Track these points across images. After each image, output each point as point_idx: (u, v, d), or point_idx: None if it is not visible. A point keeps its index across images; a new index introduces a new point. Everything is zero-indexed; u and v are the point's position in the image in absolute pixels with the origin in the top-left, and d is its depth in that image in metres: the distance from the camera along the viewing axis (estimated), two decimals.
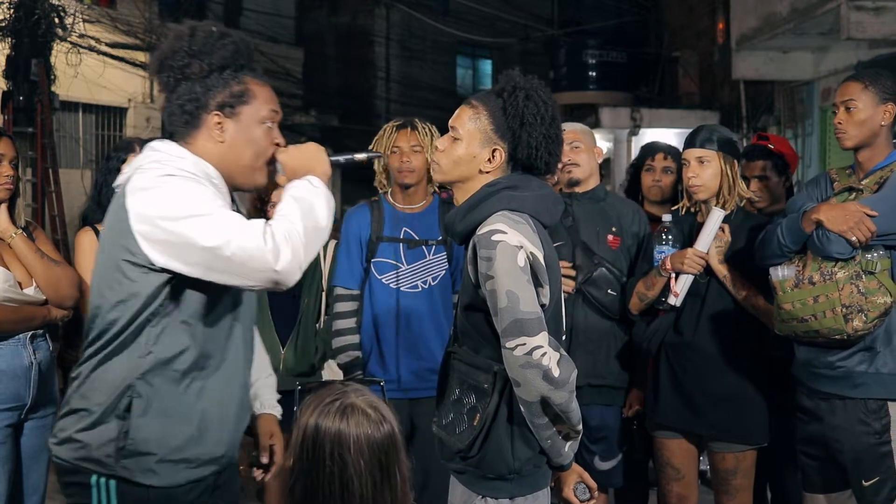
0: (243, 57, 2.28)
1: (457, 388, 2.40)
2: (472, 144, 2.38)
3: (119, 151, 3.53)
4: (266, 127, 2.28)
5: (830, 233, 2.96)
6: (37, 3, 11.07)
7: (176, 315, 2.17)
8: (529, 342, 2.19)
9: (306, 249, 2.11)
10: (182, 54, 2.23)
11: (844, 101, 3.14)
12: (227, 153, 2.24)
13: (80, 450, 2.19)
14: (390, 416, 1.83)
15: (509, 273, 2.21)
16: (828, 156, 9.65)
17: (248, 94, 2.25)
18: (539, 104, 2.35)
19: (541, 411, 2.24)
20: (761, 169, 3.95)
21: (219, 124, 2.23)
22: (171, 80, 2.24)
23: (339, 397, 1.82)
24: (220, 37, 2.26)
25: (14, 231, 3.24)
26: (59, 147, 12.87)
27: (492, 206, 2.31)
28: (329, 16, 20.17)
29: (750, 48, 9.67)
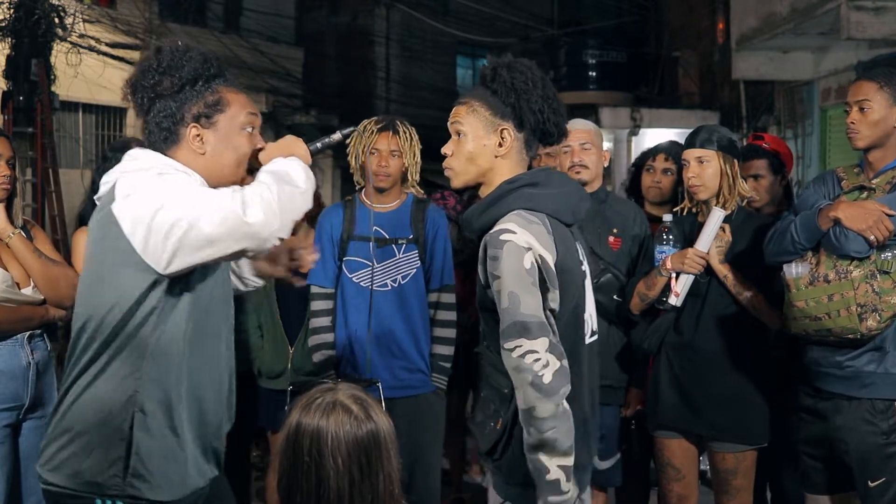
0: (213, 67, 2.29)
1: (485, 388, 2.40)
2: (478, 135, 2.37)
3: (116, 151, 3.51)
4: (246, 133, 2.30)
5: (849, 231, 2.93)
6: (37, 3, 11.07)
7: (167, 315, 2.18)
8: (526, 345, 2.16)
9: (281, 205, 2.11)
10: (151, 73, 2.25)
11: (858, 100, 3.10)
12: (210, 163, 2.26)
13: (79, 475, 2.17)
14: (379, 415, 1.82)
15: (513, 274, 2.19)
16: (828, 156, 9.64)
17: (223, 102, 2.27)
18: (524, 71, 2.35)
19: (528, 427, 2.17)
20: (757, 168, 3.95)
21: (198, 136, 2.25)
22: (146, 100, 2.26)
23: (325, 395, 1.83)
24: (186, 51, 2.28)
25: (12, 231, 3.23)
26: (59, 147, 12.87)
27: (508, 204, 2.29)
28: (329, 16, 20.16)
29: (750, 48, 9.66)
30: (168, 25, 15.99)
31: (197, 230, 2.06)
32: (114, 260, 2.16)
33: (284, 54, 17.94)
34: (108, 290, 2.17)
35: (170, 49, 2.28)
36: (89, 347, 2.20)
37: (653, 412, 3.49)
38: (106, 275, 2.18)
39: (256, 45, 17.16)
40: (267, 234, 2.09)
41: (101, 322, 2.18)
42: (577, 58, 15.86)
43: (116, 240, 2.14)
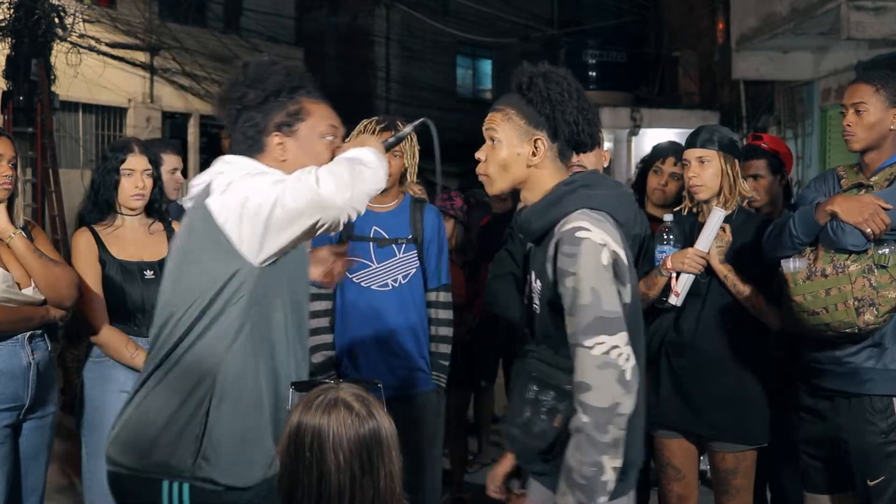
0: (295, 79, 2.41)
1: (534, 386, 2.34)
2: (512, 143, 2.35)
3: (116, 151, 3.52)
4: (327, 141, 2.41)
5: (845, 224, 2.94)
6: (37, 3, 11.08)
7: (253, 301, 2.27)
8: (609, 341, 2.13)
9: (352, 178, 2.23)
10: (239, 86, 2.39)
11: (854, 103, 3.11)
12: (291, 169, 2.33)
13: (147, 456, 2.26)
14: (381, 414, 1.83)
15: (594, 270, 2.16)
16: (828, 156, 9.65)
17: (304, 111, 2.39)
18: (560, 82, 2.34)
19: (607, 425, 2.12)
20: (756, 168, 3.95)
21: (280, 144, 2.37)
22: (233, 111, 2.39)
23: (326, 393, 1.84)
24: (271, 64, 2.42)
25: (13, 231, 3.23)
26: (59, 147, 12.88)
27: (570, 203, 2.27)
28: (329, 16, 20.17)
29: (750, 48, 9.68)
30: (168, 25, 16.00)
31: (281, 207, 2.18)
32: (205, 251, 2.28)
33: (284, 54, 17.92)
34: (196, 280, 2.28)
35: (255, 63, 2.42)
36: (171, 337, 2.30)
37: (653, 412, 3.49)
38: (194, 267, 2.30)
39: (256, 45, 17.16)
40: (340, 203, 2.20)
41: (184, 312, 2.28)
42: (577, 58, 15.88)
43: (209, 233, 2.26)
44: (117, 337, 3.41)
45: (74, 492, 4.81)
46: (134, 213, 3.52)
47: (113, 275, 3.43)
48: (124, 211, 3.51)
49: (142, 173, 3.50)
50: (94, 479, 3.43)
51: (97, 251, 3.44)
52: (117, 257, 3.45)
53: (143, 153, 3.52)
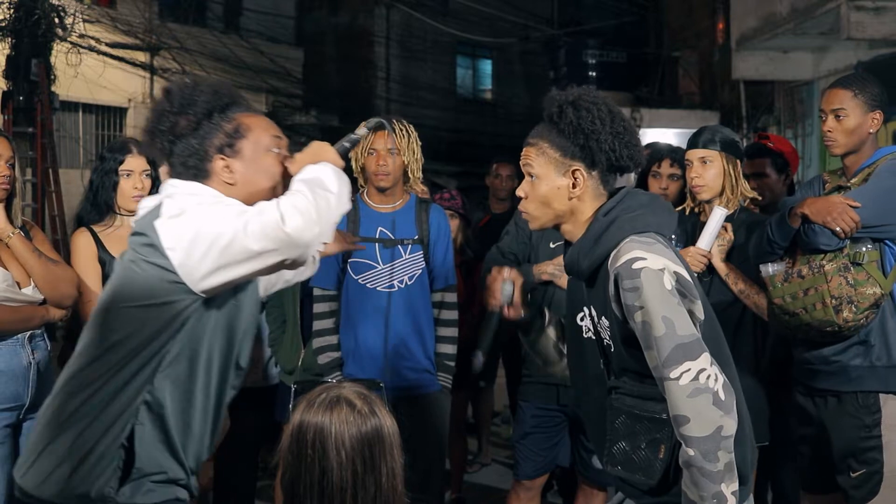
0: (225, 96, 2.29)
1: (625, 419, 2.24)
2: (550, 178, 2.27)
3: (114, 152, 3.52)
4: (274, 153, 2.30)
5: (815, 225, 3.02)
6: (37, 3, 11.07)
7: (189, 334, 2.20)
8: (694, 366, 2.05)
9: (318, 211, 2.11)
10: (166, 116, 2.26)
11: (834, 109, 3.16)
12: (243, 190, 2.26)
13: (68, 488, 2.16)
14: (383, 412, 1.83)
15: (660, 299, 2.08)
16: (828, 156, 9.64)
17: (242, 128, 2.27)
18: (591, 109, 2.25)
19: (715, 452, 2.03)
20: (761, 167, 3.96)
21: (226, 167, 2.26)
22: (166, 143, 2.27)
23: (329, 392, 1.84)
24: (195, 86, 2.28)
25: (11, 231, 3.23)
26: (59, 147, 12.88)
27: (616, 234, 2.20)
28: (329, 16, 20.16)
29: (750, 48, 9.67)
30: (168, 25, 16.00)
31: (241, 242, 2.08)
32: (147, 275, 2.17)
33: (284, 54, 17.94)
34: (135, 308, 2.18)
35: (178, 88, 2.29)
36: (103, 360, 2.20)
37: None
38: (136, 292, 2.18)
39: (256, 45, 17.16)
40: (307, 240, 2.10)
41: (123, 338, 2.18)
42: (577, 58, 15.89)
43: (153, 256, 2.16)
44: None
45: None
46: (133, 213, 3.52)
47: None
48: (123, 212, 3.51)
49: (141, 174, 3.50)
50: None
51: (96, 251, 3.44)
52: (116, 257, 3.44)
53: (142, 154, 3.52)
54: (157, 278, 2.15)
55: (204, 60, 16.17)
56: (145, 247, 2.18)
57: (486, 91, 22.67)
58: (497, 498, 5.15)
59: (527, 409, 3.79)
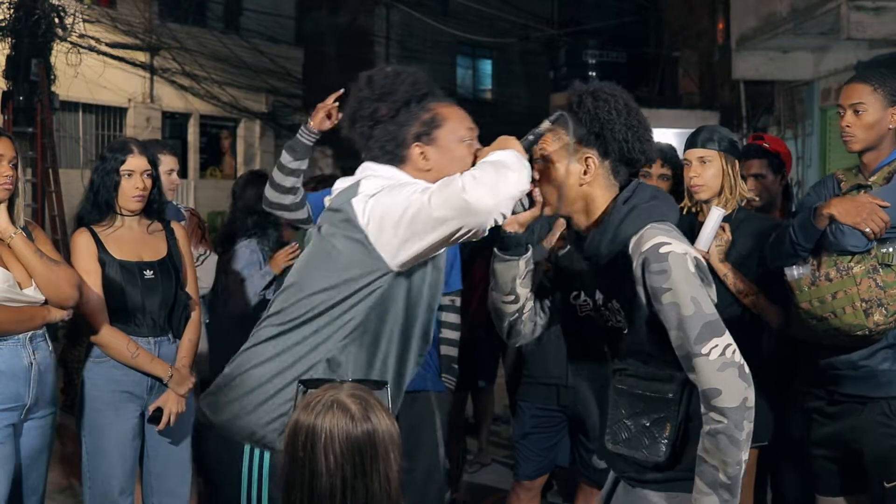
0: (423, 86, 2.43)
1: (629, 402, 2.34)
2: (563, 163, 2.35)
3: (115, 152, 3.52)
4: (466, 144, 2.42)
5: (844, 226, 2.92)
6: (37, 3, 11.08)
7: (379, 303, 2.34)
8: (720, 342, 2.17)
9: (497, 183, 2.20)
10: (368, 102, 2.41)
11: (853, 104, 3.08)
12: (435, 177, 2.35)
13: (237, 420, 2.35)
14: (379, 416, 1.82)
15: (687, 281, 2.19)
16: (828, 156, 9.65)
17: (439, 118, 2.41)
18: (609, 100, 2.33)
19: (742, 422, 2.14)
20: (757, 168, 3.95)
21: (422, 154, 2.39)
22: (366, 128, 2.41)
23: (326, 393, 1.83)
24: (396, 75, 2.44)
25: (13, 231, 3.23)
26: (59, 147, 12.88)
27: (636, 221, 2.28)
28: (329, 16, 20.17)
29: (750, 48, 9.67)
30: (168, 25, 16.00)
31: (426, 212, 2.20)
32: (345, 246, 2.31)
33: (284, 54, 17.95)
34: (332, 269, 2.33)
35: (380, 76, 2.43)
36: (294, 313, 2.35)
37: None
38: (332, 256, 2.33)
39: (256, 45, 17.17)
40: (486, 208, 2.19)
41: (311, 294, 2.34)
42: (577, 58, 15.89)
43: (350, 231, 2.30)
44: (117, 337, 3.41)
45: (74, 492, 4.81)
46: (133, 213, 3.53)
47: (113, 275, 3.43)
48: (124, 212, 3.51)
49: (142, 174, 3.50)
50: (95, 480, 3.44)
51: (96, 251, 3.44)
52: (117, 257, 3.45)
53: (143, 154, 3.52)
54: (354, 251, 2.30)
55: (204, 60, 16.18)
56: (343, 222, 2.32)
57: (486, 91, 22.67)
58: (497, 498, 5.16)
59: (526, 409, 3.80)
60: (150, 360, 3.44)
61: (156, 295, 3.47)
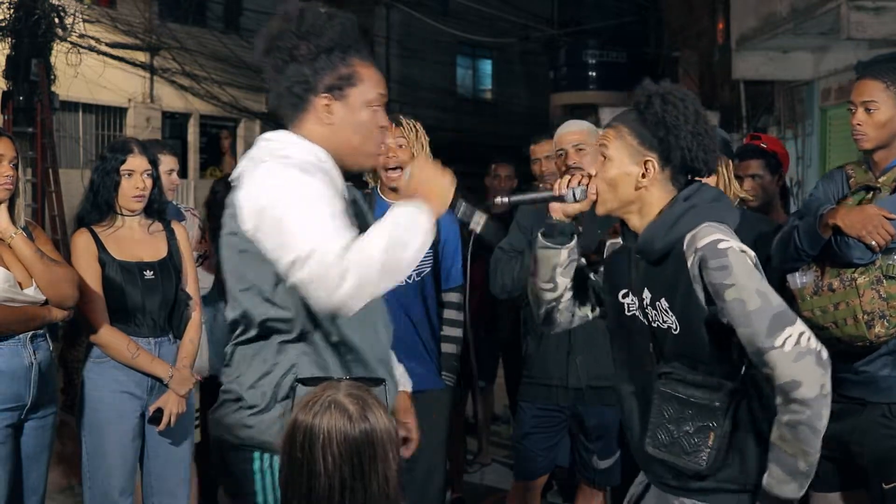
0: (351, 38, 2.29)
1: (674, 405, 2.27)
2: (622, 163, 2.29)
3: (115, 152, 3.52)
4: (372, 110, 2.30)
5: (849, 238, 2.87)
6: (37, 3, 11.08)
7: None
8: (793, 331, 2.11)
9: (380, 280, 2.11)
10: (290, 35, 2.25)
11: (864, 101, 3.02)
12: (335, 135, 2.28)
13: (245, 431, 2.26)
14: (377, 415, 1.80)
15: (749, 275, 2.15)
16: (828, 156, 9.65)
17: (356, 76, 2.28)
18: (678, 104, 2.28)
19: (822, 410, 2.11)
20: (754, 168, 3.94)
21: (327, 106, 2.27)
22: (280, 61, 2.26)
23: (325, 392, 1.82)
24: (329, 18, 2.27)
25: (14, 231, 3.23)
26: (59, 147, 12.88)
27: (694, 218, 2.24)
28: None
29: (750, 48, 9.67)
30: (168, 25, 16.00)
31: (298, 268, 2.07)
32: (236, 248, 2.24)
33: None
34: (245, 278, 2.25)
35: (312, 13, 2.27)
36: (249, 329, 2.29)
37: None
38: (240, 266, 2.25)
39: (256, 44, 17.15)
40: (347, 307, 2.10)
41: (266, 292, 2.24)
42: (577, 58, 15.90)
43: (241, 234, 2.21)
44: (117, 337, 3.41)
45: (74, 492, 4.81)
46: (134, 213, 3.53)
47: (112, 275, 3.43)
48: (124, 212, 3.51)
49: (142, 174, 3.50)
50: (95, 480, 3.44)
51: (96, 251, 3.44)
52: (117, 258, 3.45)
53: (143, 154, 3.52)
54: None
55: (204, 60, 16.17)
56: (231, 218, 2.23)
57: (486, 91, 22.67)
58: (497, 498, 5.15)
59: (527, 409, 3.80)
60: (150, 360, 3.44)
61: (156, 295, 3.47)
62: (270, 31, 2.28)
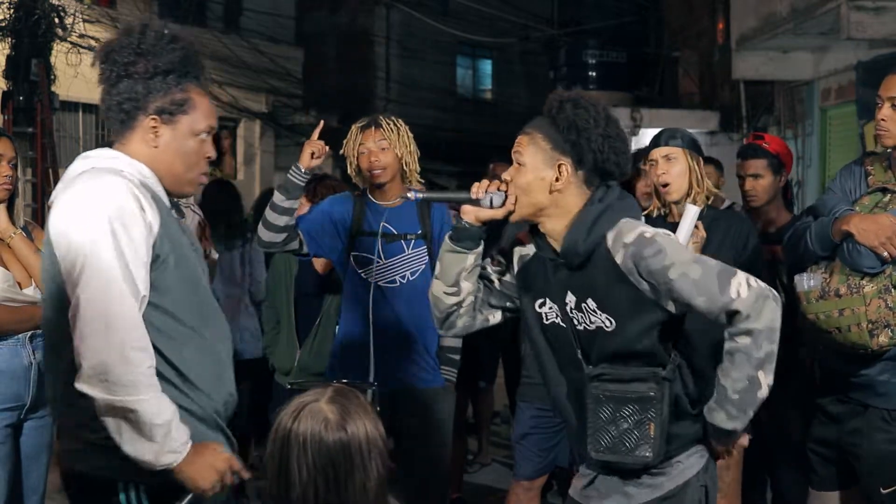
0: (191, 64, 2.28)
1: (610, 405, 2.31)
2: (536, 168, 2.34)
3: None
4: (200, 139, 2.30)
5: (861, 246, 2.88)
6: (37, 3, 11.07)
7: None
8: (740, 278, 2.20)
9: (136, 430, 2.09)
10: (129, 51, 2.23)
11: (892, 97, 2.97)
12: (158, 158, 2.26)
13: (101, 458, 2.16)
14: (358, 422, 1.76)
15: (682, 250, 2.27)
16: (828, 156, 9.64)
17: (189, 103, 2.27)
18: (588, 108, 2.33)
19: (762, 341, 2.19)
20: (756, 168, 3.94)
21: (154, 129, 2.25)
22: (114, 74, 2.24)
23: (308, 397, 1.80)
24: (171, 40, 2.26)
25: (13, 231, 3.23)
26: (59, 147, 12.86)
27: (612, 217, 2.31)
28: (329, 16, 20.16)
29: (750, 48, 9.67)
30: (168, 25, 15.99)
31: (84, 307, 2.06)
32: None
33: (284, 54, 17.93)
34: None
35: (155, 33, 2.26)
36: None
37: None
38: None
39: (256, 45, 17.15)
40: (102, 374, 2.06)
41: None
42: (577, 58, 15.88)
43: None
44: None
45: None
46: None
47: None
48: None
49: None
50: None
51: None
52: None
53: None
54: None
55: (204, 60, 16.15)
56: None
57: (486, 91, 22.66)
58: (497, 498, 5.15)
59: (526, 409, 3.80)
60: None
61: None
62: (112, 42, 2.28)
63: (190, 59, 2.28)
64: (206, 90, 2.32)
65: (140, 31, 2.25)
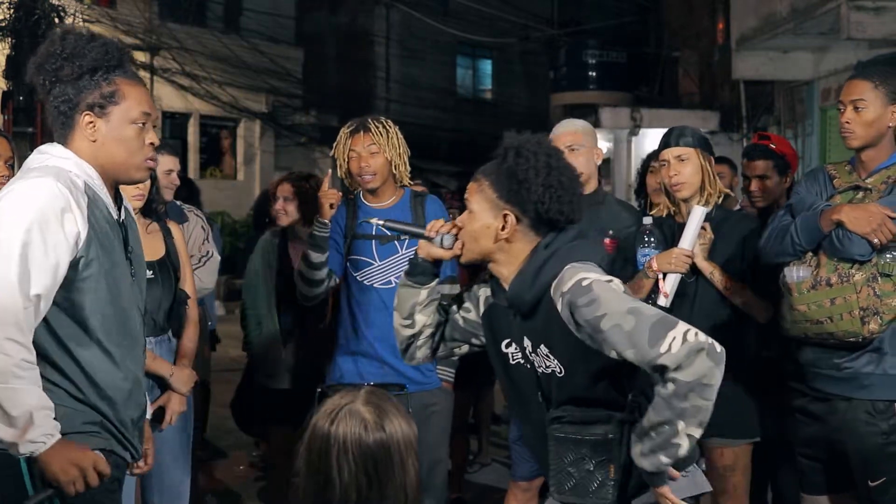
0: (114, 59, 2.39)
1: (571, 447, 2.30)
2: (483, 216, 2.34)
3: None
4: (137, 127, 2.40)
5: (852, 234, 2.90)
6: (37, 3, 11.08)
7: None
8: (677, 332, 2.09)
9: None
10: (55, 58, 2.36)
11: (853, 100, 3.07)
12: (100, 151, 2.38)
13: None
14: (395, 423, 1.80)
15: (619, 300, 2.15)
16: (828, 156, 9.65)
17: (118, 94, 2.38)
18: (529, 158, 2.29)
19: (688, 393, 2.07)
20: (762, 169, 3.93)
21: (90, 123, 2.37)
22: (47, 83, 2.38)
23: (343, 400, 1.81)
24: (90, 40, 2.38)
25: None
26: None
27: (556, 264, 2.27)
28: (329, 16, 20.18)
29: (750, 48, 9.68)
30: (168, 25, 16.01)
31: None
32: None
33: (284, 54, 17.94)
34: None
35: (74, 36, 2.38)
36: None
37: None
38: None
39: (256, 45, 17.17)
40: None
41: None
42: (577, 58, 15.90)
43: None
44: None
45: None
46: (133, 212, 3.52)
47: None
48: None
49: None
50: None
51: None
52: None
53: None
54: None
55: (204, 60, 16.18)
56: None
57: (486, 91, 22.68)
58: (497, 498, 5.14)
59: None
60: (151, 359, 3.43)
61: (155, 294, 3.47)
62: (39, 55, 2.39)
63: (112, 55, 2.39)
64: (136, 80, 2.44)
65: (61, 37, 2.38)
